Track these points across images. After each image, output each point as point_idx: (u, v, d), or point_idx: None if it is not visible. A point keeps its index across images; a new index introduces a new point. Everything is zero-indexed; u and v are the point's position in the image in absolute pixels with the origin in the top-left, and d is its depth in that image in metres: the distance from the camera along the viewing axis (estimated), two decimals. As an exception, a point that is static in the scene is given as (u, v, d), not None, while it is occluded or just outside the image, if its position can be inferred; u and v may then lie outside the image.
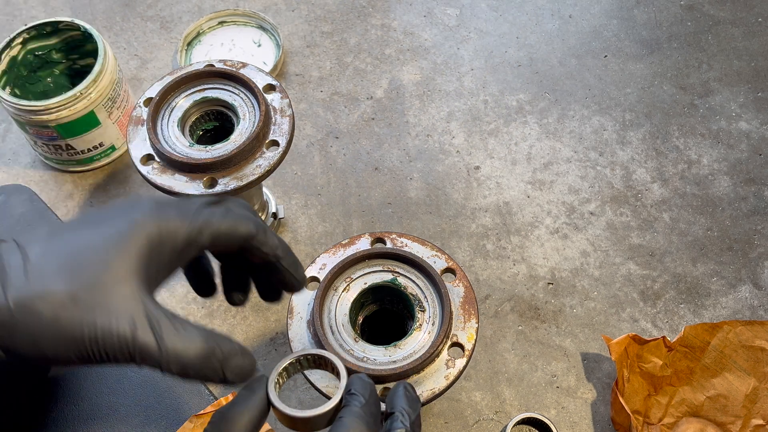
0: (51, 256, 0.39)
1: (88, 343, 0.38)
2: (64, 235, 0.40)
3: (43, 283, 0.38)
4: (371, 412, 0.44)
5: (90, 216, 0.42)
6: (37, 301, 0.37)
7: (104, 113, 0.95)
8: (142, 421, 0.76)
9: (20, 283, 0.38)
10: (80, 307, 0.38)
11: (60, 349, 0.38)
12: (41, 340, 0.38)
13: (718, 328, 0.81)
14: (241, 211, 0.45)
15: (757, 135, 1.03)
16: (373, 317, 0.66)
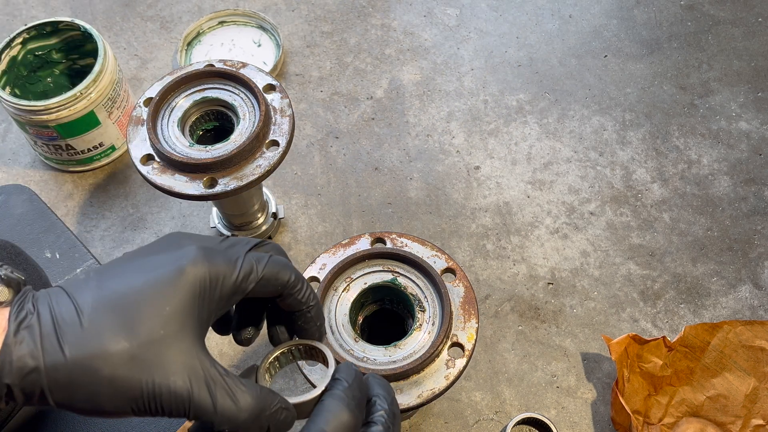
0: (103, 309, 0.39)
1: (147, 401, 0.39)
2: (112, 284, 0.41)
3: (100, 341, 0.38)
4: (354, 395, 0.44)
5: (135, 260, 0.43)
6: (95, 360, 0.38)
7: (104, 113, 0.95)
8: (142, 421, 0.76)
9: (76, 340, 0.38)
10: (138, 366, 0.39)
11: (118, 405, 0.39)
12: (99, 398, 0.38)
13: (718, 328, 0.81)
14: (283, 259, 0.46)
15: (757, 135, 1.03)
16: (373, 317, 0.66)
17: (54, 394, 0.38)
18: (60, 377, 0.38)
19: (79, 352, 0.38)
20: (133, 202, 0.99)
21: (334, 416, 0.42)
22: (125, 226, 0.97)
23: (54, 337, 0.38)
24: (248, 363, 0.86)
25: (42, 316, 0.39)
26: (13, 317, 0.39)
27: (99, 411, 0.39)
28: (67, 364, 0.38)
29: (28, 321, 0.38)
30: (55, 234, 0.93)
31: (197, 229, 0.97)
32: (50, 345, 0.38)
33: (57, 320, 0.39)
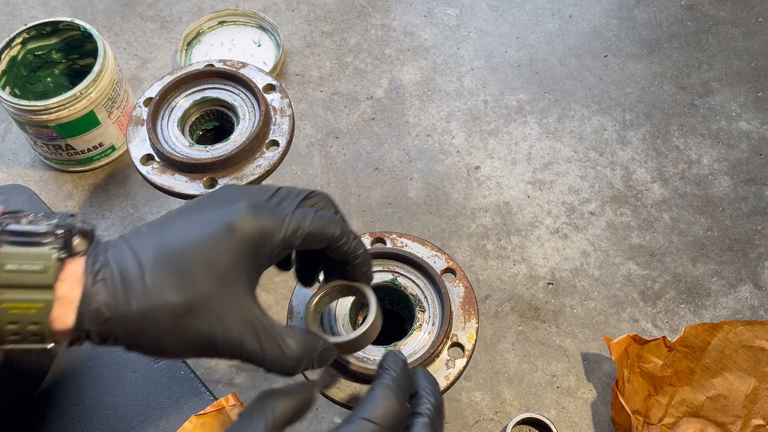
0: (163, 266, 0.43)
1: (204, 347, 0.44)
2: (169, 239, 0.45)
3: (162, 295, 0.43)
4: (400, 386, 0.47)
5: (190, 215, 0.46)
6: (157, 312, 0.43)
7: (104, 113, 0.95)
8: (142, 421, 0.76)
9: (141, 294, 0.43)
10: (195, 318, 0.43)
11: (180, 349, 0.44)
12: (162, 343, 0.43)
13: (719, 328, 0.81)
14: (328, 214, 0.49)
15: (758, 135, 1.03)
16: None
17: (124, 339, 0.43)
18: (129, 326, 0.43)
19: (144, 304, 0.43)
20: (133, 202, 0.99)
21: (382, 404, 0.45)
22: (125, 226, 0.97)
23: (122, 291, 0.43)
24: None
25: (113, 269, 0.43)
26: (89, 269, 0.43)
27: (164, 353, 0.44)
28: (134, 315, 0.43)
29: (102, 274, 0.43)
30: (55, 234, 0.93)
31: (197, 229, 0.97)
32: (121, 299, 0.43)
33: (124, 275, 0.43)
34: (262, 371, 0.46)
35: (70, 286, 0.43)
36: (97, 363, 0.78)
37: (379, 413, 0.45)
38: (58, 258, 0.43)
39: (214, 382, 0.86)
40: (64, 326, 0.43)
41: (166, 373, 0.80)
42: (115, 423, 0.76)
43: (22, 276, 0.42)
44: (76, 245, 0.44)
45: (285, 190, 0.49)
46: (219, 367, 0.87)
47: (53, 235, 0.43)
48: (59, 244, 0.43)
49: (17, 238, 0.43)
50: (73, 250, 0.44)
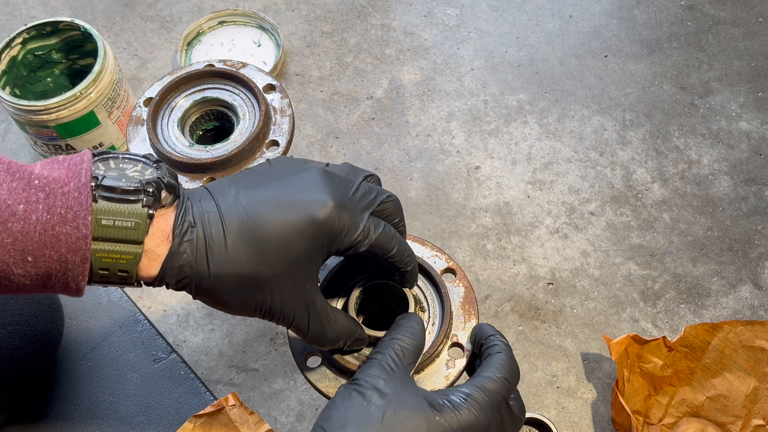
0: (245, 238, 0.48)
1: (261, 314, 0.50)
2: (256, 214, 0.49)
3: (238, 265, 0.48)
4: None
5: (279, 186, 0.51)
6: (230, 278, 0.48)
7: (104, 113, 0.95)
8: (142, 421, 0.76)
9: (221, 260, 0.48)
10: (261, 290, 0.49)
11: (242, 310, 0.50)
12: (229, 302, 0.49)
13: (719, 328, 0.81)
14: (392, 230, 0.53)
15: (758, 135, 1.03)
16: (373, 317, 0.66)
17: (197, 295, 0.49)
18: (203, 285, 0.48)
19: (220, 271, 0.48)
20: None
21: (510, 365, 0.52)
22: (125, 226, 0.97)
23: (204, 255, 0.47)
24: (248, 364, 0.86)
25: (198, 231, 0.48)
26: (177, 229, 0.47)
27: (227, 309, 0.50)
28: (210, 278, 0.48)
29: (189, 235, 0.47)
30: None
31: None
32: (201, 261, 0.47)
33: (208, 240, 0.48)
34: (261, 370, 0.48)
35: (157, 242, 0.47)
36: (97, 363, 0.78)
37: (511, 372, 0.52)
38: (148, 214, 0.47)
39: (214, 382, 0.86)
40: (148, 275, 0.48)
41: (166, 373, 0.80)
42: (115, 423, 0.76)
43: (115, 231, 0.46)
44: (164, 198, 0.48)
45: (366, 187, 0.53)
46: (219, 367, 0.87)
47: (143, 192, 0.47)
48: (149, 201, 0.47)
49: (112, 194, 0.46)
50: (161, 203, 0.48)
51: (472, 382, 0.51)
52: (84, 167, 0.47)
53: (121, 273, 0.47)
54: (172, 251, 0.47)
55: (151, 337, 0.79)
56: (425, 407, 0.49)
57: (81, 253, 0.45)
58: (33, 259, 0.45)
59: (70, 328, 0.77)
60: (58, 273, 0.45)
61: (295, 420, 0.84)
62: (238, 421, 0.71)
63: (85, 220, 0.45)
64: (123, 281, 0.48)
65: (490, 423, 0.50)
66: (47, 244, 0.45)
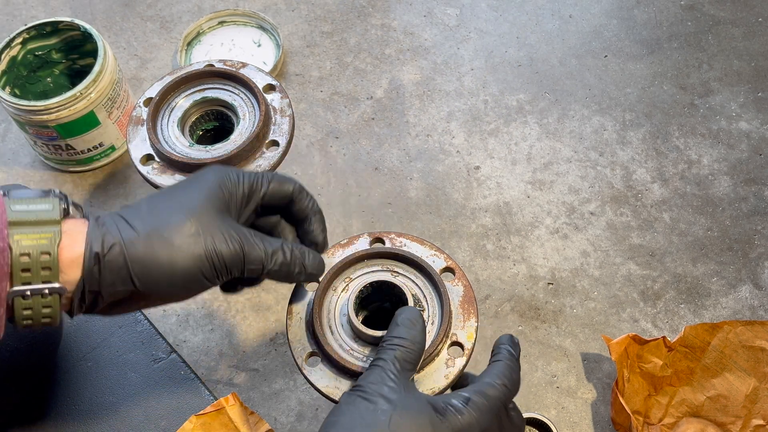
0: (160, 207, 0.51)
1: (214, 261, 0.50)
2: (160, 197, 0.52)
3: (166, 218, 0.50)
4: (517, 361, 0.56)
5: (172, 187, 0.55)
6: (164, 229, 0.49)
7: (104, 113, 0.95)
8: (142, 421, 0.76)
9: (146, 218, 0.49)
10: (201, 238, 0.50)
11: (191, 269, 0.49)
12: (175, 263, 0.49)
13: (719, 329, 0.81)
14: (286, 176, 0.57)
15: (758, 135, 1.03)
16: (372, 317, 0.66)
17: (134, 268, 0.48)
18: (138, 249, 0.48)
19: (149, 226, 0.49)
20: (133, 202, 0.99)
21: (511, 371, 0.54)
22: (125, 226, 0.97)
23: (125, 222, 0.49)
24: (248, 364, 0.86)
25: (111, 217, 0.50)
26: (90, 218, 0.49)
27: (174, 281, 0.49)
28: (140, 237, 0.48)
29: (102, 219, 0.49)
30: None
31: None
32: (124, 227, 0.49)
33: (123, 215, 0.50)
34: (261, 370, 0.48)
35: (74, 224, 0.48)
36: (97, 363, 0.78)
37: (510, 380, 0.53)
38: (60, 197, 0.48)
39: (214, 382, 0.86)
40: (73, 254, 0.47)
41: (166, 373, 0.80)
42: (115, 423, 0.76)
43: (30, 214, 0.46)
44: (72, 212, 0.49)
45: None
46: (219, 367, 0.87)
47: (53, 192, 0.49)
48: (60, 196, 0.48)
49: (24, 194, 0.48)
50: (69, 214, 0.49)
51: (473, 387, 0.52)
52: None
53: (45, 256, 0.45)
54: (91, 226, 0.48)
55: (151, 337, 0.79)
56: (429, 411, 0.50)
57: (1, 268, 0.44)
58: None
59: (70, 328, 0.77)
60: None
61: (295, 420, 0.84)
62: (238, 421, 0.71)
63: (2, 232, 0.45)
64: (48, 273, 0.46)
65: (490, 426, 0.51)
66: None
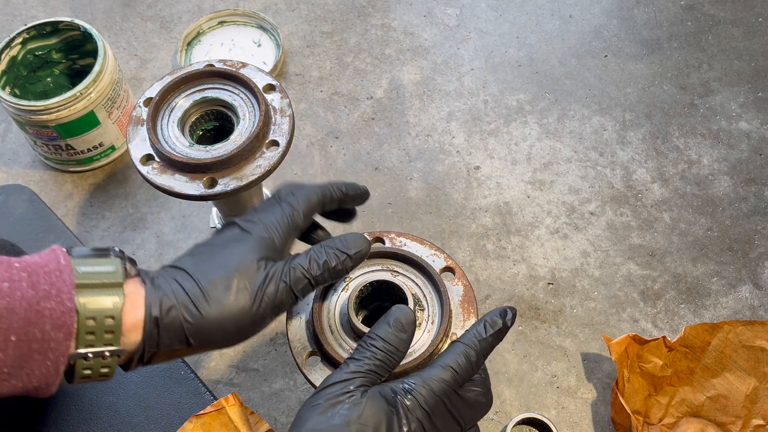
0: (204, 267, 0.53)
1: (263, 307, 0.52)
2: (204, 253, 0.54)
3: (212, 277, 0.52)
4: (484, 348, 0.54)
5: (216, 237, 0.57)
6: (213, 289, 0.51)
7: (104, 113, 0.95)
8: (142, 421, 0.76)
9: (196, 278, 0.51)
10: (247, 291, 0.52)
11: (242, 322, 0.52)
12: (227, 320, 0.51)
13: (719, 328, 0.81)
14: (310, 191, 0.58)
15: (758, 135, 1.03)
16: (372, 317, 0.66)
17: (189, 329, 0.50)
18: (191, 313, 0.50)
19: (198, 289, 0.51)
20: (133, 202, 0.99)
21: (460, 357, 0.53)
22: (125, 226, 0.97)
23: (179, 285, 0.50)
24: (248, 364, 0.86)
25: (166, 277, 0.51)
26: (146, 279, 0.50)
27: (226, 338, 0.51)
28: (191, 299, 0.50)
29: (157, 280, 0.50)
30: (55, 234, 0.93)
31: (197, 230, 0.97)
32: (178, 290, 0.50)
33: (178, 279, 0.51)
34: (261, 370, 0.48)
35: (134, 287, 0.49)
36: (97, 363, 0.78)
37: (461, 363, 0.53)
38: (122, 259, 0.50)
39: (214, 382, 0.86)
40: (135, 319, 0.48)
41: (166, 373, 0.80)
42: (115, 423, 0.76)
43: (95, 276, 0.48)
44: (128, 268, 0.50)
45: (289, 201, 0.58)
46: (219, 368, 0.87)
47: (112, 251, 0.50)
48: (120, 255, 0.50)
49: (85, 252, 0.49)
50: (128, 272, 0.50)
51: (420, 373, 0.53)
52: (59, 252, 0.48)
53: (109, 320, 0.47)
54: (149, 287, 0.49)
55: (151, 337, 0.79)
56: (388, 413, 0.51)
57: (65, 329, 0.45)
58: (16, 339, 0.44)
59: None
60: (37, 356, 0.45)
61: (295, 420, 0.84)
62: (238, 421, 0.71)
63: (69, 294, 0.46)
64: (111, 336, 0.48)
65: (433, 409, 0.52)
66: (32, 321, 0.44)
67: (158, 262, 0.94)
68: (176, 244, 0.96)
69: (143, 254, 0.95)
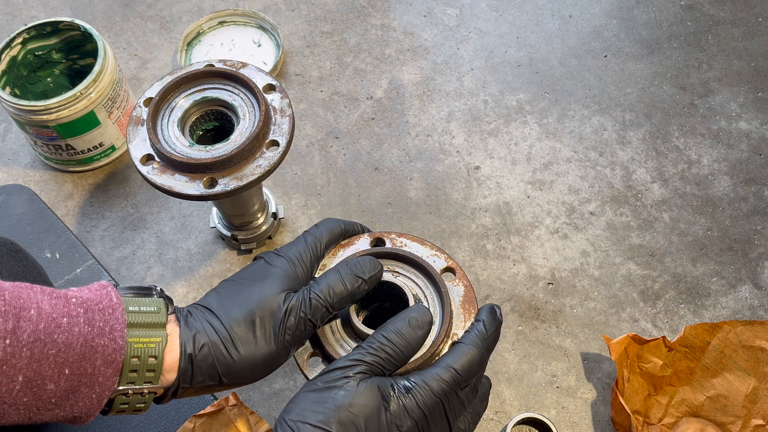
0: (228, 306, 0.55)
1: (287, 339, 0.54)
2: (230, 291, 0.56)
3: (238, 315, 0.54)
4: (488, 344, 0.55)
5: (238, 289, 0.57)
6: (239, 327, 0.53)
7: (104, 113, 0.95)
8: (142, 421, 0.76)
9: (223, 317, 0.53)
10: (268, 327, 0.54)
11: (269, 357, 0.54)
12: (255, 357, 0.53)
13: (718, 328, 0.81)
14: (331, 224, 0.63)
15: (757, 135, 1.03)
16: (373, 317, 0.66)
17: (221, 368, 0.52)
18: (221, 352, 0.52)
19: (226, 328, 0.53)
20: (133, 202, 0.99)
21: (467, 357, 0.53)
22: (125, 226, 0.97)
23: (209, 325, 0.53)
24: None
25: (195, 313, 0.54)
26: (181, 316, 0.53)
27: (255, 373, 0.54)
28: (221, 338, 0.52)
29: (189, 318, 0.53)
30: (55, 234, 0.93)
31: (197, 230, 0.97)
32: (209, 329, 0.53)
33: (208, 319, 0.53)
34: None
35: (172, 326, 0.52)
36: (97, 363, 0.77)
37: (464, 364, 0.52)
38: (165, 305, 0.52)
39: (214, 382, 0.86)
40: (172, 359, 0.51)
41: (166, 373, 0.80)
42: (115, 423, 0.76)
43: (142, 316, 0.50)
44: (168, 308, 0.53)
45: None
46: (219, 367, 0.87)
47: (155, 290, 0.54)
48: (161, 294, 0.53)
49: (132, 291, 0.53)
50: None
51: (421, 373, 0.53)
52: (110, 289, 0.51)
53: (152, 359, 0.49)
54: (182, 326, 0.52)
55: (151, 337, 0.79)
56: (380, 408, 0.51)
57: (114, 365, 0.47)
58: (69, 372, 0.46)
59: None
60: (84, 389, 0.47)
61: (295, 420, 0.84)
62: (238, 421, 0.71)
63: (122, 332, 0.48)
64: (152, 374, 0.50)
65: (430, 409, 0.52)
66: (86, 356, 0.46)
67: (158, 262, 0.94)
68: (176, 244, 0.96)
69: (143, 254, 0.95)
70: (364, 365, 0.52)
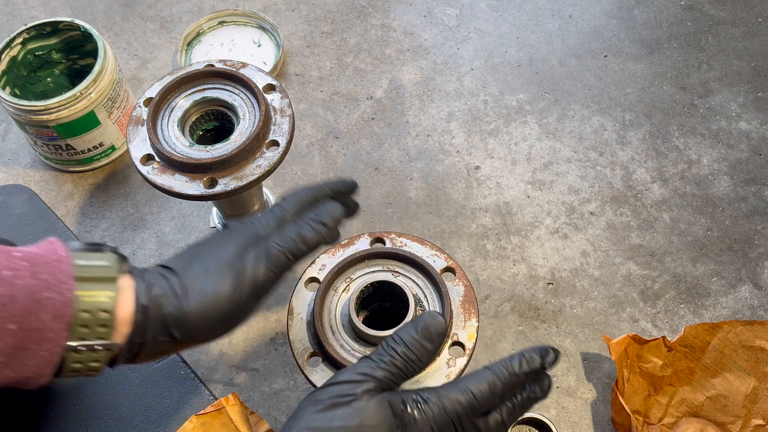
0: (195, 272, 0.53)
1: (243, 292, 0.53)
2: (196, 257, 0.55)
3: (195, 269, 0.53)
4: (513, 380, 0.52)
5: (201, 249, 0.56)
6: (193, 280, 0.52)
7: (104, 113, 0.95)
8: (142, 421, 0.76)
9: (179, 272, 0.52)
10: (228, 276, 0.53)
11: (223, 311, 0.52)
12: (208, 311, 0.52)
13: (718, 328, 0.81)
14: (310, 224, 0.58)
15: (757, 135, 1.03)
16: (373, 317, 0.66)
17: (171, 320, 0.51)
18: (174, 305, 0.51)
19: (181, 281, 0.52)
20: (133, 202, 0.99)
21: (487, 383, 0.51)
22: (125, 226, 0.97)
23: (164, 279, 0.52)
24: (248, 364, 0.86)
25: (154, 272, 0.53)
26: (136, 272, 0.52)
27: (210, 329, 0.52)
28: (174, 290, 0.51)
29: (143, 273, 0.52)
30: (55, 234, 0.93)
31: (197, 229, 0.97)
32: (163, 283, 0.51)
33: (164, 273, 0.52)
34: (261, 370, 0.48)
35: (125, 281, 0.50)
36: (97, 363, 0.78)
37: (480, 391, 0.50)
38: (117, 259, 0.50)
39: (214, 382, 0.86)
40: (126, 312, 0.49)
41: (166, 373, 0.80)
42: (115, 423, 0.76)
43: (91, 270, 0.48)
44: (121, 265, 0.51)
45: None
46: (219, 368, 0.87)
47: (105, 246, 0.51)
48: (114, 250, 0.51)
49: (83, 247, 0.50)
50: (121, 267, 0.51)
51: (436, 389, 0.51)
52: (57, 243, 0.49)
53: (104, 313, 0.48)
54: (137, 278, 0.51)
55: (151, 337, 0.79)
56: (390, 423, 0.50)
57: (63, 319, 0.46)
58: (17, 327, 0.44)
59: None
60: (33, 346, 0.45)
61: (295, 420, 0.84)
62: (238, 421, 0.71)
63: (69, 285, 0.46)
64: (105, 330, 0.48)
65: (441, 428, 0.50)
66: (32, 310, 0.45)
67: (158, 262, 0.94)
68: (176, 244, 0.96)
69: (143, 254, 0.95)
70: (374, 381, 0.50)
